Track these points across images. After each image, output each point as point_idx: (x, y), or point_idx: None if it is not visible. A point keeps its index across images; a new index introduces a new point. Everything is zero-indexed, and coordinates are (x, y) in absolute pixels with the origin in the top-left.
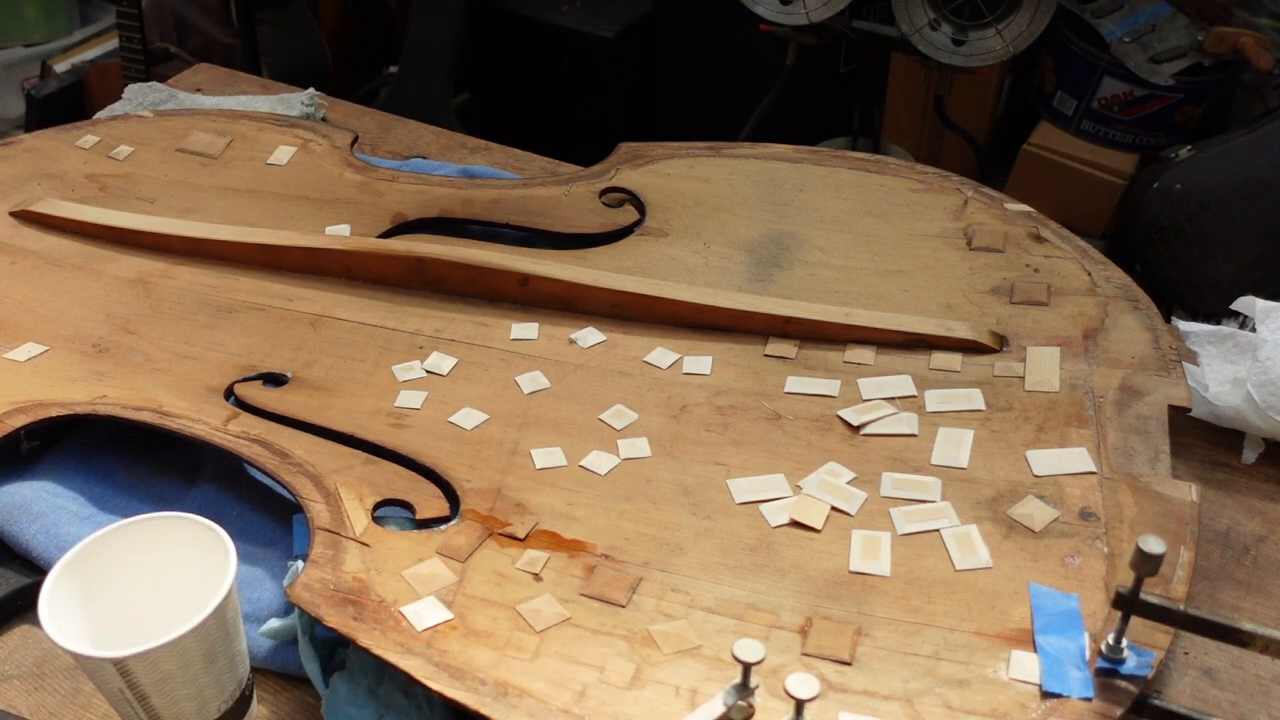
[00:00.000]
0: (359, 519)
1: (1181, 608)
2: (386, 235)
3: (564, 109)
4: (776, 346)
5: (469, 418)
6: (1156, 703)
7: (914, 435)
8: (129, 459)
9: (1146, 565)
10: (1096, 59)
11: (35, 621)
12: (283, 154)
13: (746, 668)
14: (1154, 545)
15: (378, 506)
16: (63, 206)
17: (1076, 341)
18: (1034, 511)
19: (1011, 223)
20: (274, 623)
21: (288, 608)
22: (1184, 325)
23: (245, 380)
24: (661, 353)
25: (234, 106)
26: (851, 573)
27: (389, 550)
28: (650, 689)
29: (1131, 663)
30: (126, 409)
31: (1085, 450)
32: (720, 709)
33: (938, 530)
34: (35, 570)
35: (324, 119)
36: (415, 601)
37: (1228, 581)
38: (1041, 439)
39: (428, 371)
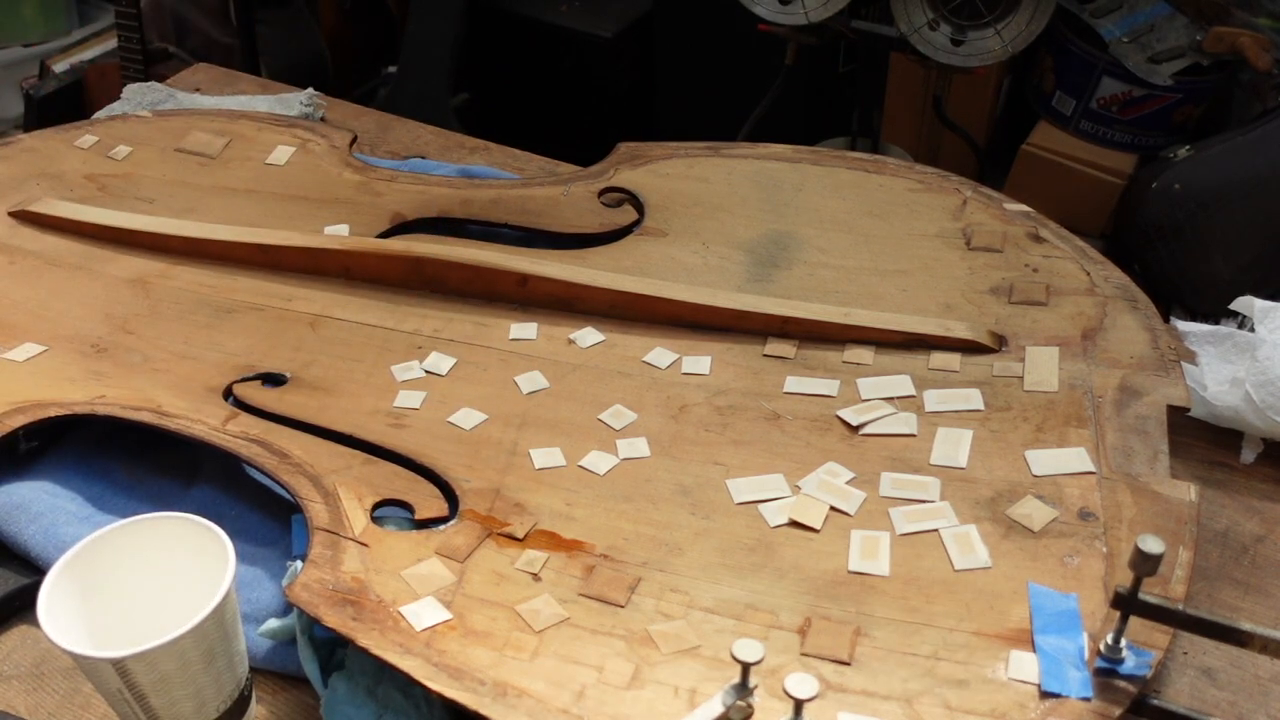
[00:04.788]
0: (358, 519)
1: (1180, 607)
2: (385, 235)
3: (563, 109)
4: (775, 346)
5: (468, 418)
6: (1155, 703)
7: (913, 435)
8: (128, 459)
9: (1145, 565)
10: (1095, 59)
11: (34, 622)
12: (281, 154)
13: (745, 668)
14: (1153, 545)
15: (376, 506)
16: (61, 206)
17: (1075, 341)
18: (1033, 511)
19: (1010, 222)
20: (273, 623)
21: (286, 608)
22: (1183, 325)
23: (244, 380)
24: (660, 353)
25: (233, 106)
26: (850, 573)
27: (388, 550)
28: (649, 689)
29: (1130, 662)
30: (125, 409)
31: (1084, 450)
32: (719, 709)
33: (937, 530)
34: (34, 570)
35: (323, 119)
36: (414, 601)
37: (1226, 581)
38: (1040, 439)
39: (426, 371)
